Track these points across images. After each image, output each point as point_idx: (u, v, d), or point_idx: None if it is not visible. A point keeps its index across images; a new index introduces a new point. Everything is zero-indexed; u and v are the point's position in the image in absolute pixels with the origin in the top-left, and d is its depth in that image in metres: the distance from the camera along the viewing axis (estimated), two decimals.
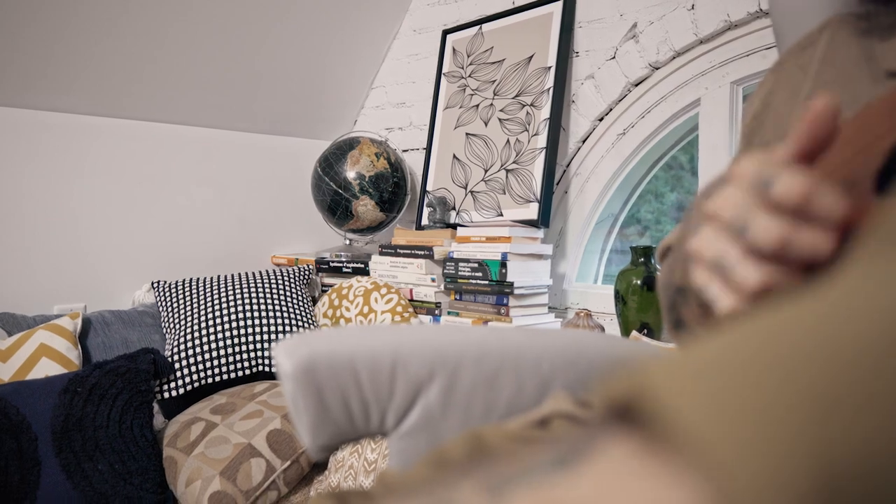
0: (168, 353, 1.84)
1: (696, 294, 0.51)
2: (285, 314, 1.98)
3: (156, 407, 1.81)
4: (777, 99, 0.69)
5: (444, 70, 2.23)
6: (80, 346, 1.74)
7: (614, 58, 1.88)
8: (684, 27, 1.74)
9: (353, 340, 0.62)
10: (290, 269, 2.16)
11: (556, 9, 1.96)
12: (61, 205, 2.02)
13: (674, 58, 1.78)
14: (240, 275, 2.06)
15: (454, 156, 2.13)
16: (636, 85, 1.86)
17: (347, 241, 2.40)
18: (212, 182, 2.32)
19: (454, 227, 2.04)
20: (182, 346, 1.85)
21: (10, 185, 1.93)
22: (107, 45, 1.95)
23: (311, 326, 2.01)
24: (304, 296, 2.10)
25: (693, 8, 1.73)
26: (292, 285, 2.09)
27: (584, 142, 1.97)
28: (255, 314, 1.94)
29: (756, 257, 0.37)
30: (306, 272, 2.18)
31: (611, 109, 1.91)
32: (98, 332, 1.87)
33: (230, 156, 2.36)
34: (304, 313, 2.03)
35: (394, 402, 0.62)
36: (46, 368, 1.61)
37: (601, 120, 1.93)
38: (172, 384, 1.80)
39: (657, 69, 1.82)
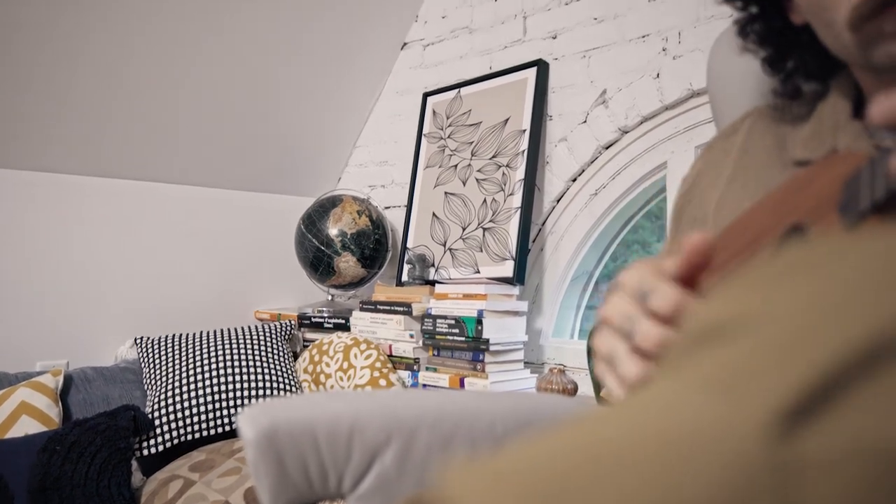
0: (149, 409, 1.87)
1: None
2: (266, 371, 2.01)
3: (135, 464, 1.82)
4: (704, 181, 0.76)
5: (425, 131, 2.32)
6: (60, 404, 1.76)
7: (586, 122, 1.97)
8: (650, 94, 1.84)
9: (313, 408, 0.67)
10: (272, 324, 2.20)
11: (530, 75, 2.05)
12: (45, 261, 2.06)
13: (641, 122, 1.87)
14: (222, 331, 2.10)
15: (433, 214, 2.20)
16: (607, 148, 1.94)
17: (329, 297, 2.44)
18: (196, 238, 2.37)
19: (433, 283, 2.10)
20: (163, 403, 1.87)
21: None
22: (92, 104, 2.02)
23: (292, 383, 2.04)
24: (286, 352, 2.13)
25: (658, 76, 1.82)
26: (274, 341, 2.13)
27: (558, 201, 2.04)
28: (237, 370, 1.97)
29: (640, 355, 0.44)
30: (288, 328, 2.22)
31: (583, 171, 1.99)
32: (79, 388, 1.89)
33: (214, 213, 2.42)
34: (285, 370, 2.06)
35: (351, 466, 0.67)
36: (26, 426, 1.63)
37: (574, 180, 2.01)
38: (152, 441, 1.82)
39: (626, 133, 1.90)
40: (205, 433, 1.89)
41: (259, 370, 2.00)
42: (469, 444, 0.75)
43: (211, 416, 1.90)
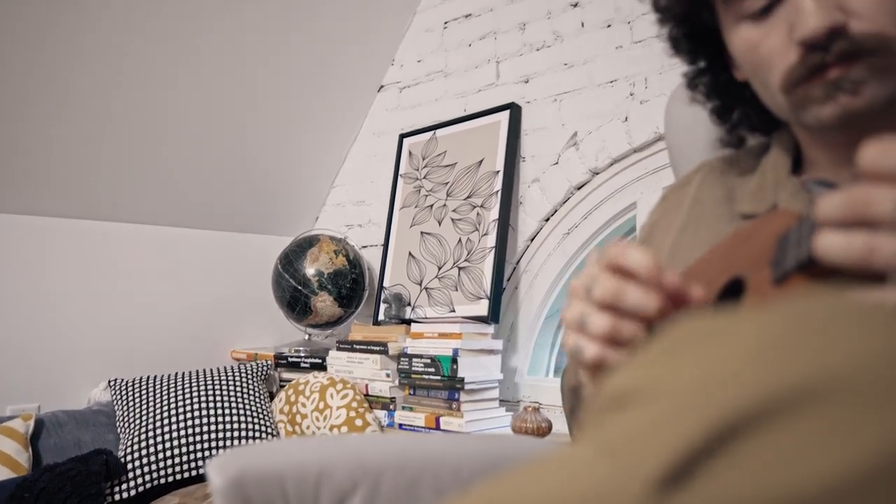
0: (122, 452, 1.85)
1: (587, 393, 0.61)
2: (242, 412, 2.00)
3: None
4: (659, 229, 0.79)
5: (401, 171, 2.36)
6: (30, 449, 1.74)
7: (558, 163, 2.02)
8: (620, 137, 1.89)
9: (281, 455, 0.68)
10: (248, 364, 2.20)
11: (503, 117, 2.10)
12: (16, 304, 2.05)
13: (611, 164, 1.91)
14: (198, 372, 2.09)
15: (410, 253, 2.23)
16: (578, 188, 1.98)
17: (307, 336, 2.45)
18: (172, 279, 2.37)
19: (409, 322, 2.11)
20: (136, 446, 1.86)
21: None
22: (65, 144, 2.04)
23: (268, 425, 2.03)
24: (262, 392, 2.13)
25: (627, 120, 1.88)
26: (250, 382, 2.12)
27: (532, 240, 2.08)
28: (212, 412, 1.96)
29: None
30: (265, 368, 2.22)
31: (556, 210, 2.03)
32: (51, 433, 1.87)
33: (190, 253, 2.43)
34: (260, 411, 2.05)
35: None
36: None
37: (547, 220, 2.04)
38: (125, 485, 1.81)
39: (597, 174, 1.95)
40: (178, 476, 1.87)
41: (234, 412, 1.99)
42: (435, 487, 0.77)
43: (185, 458, 1.88)
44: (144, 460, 1.84)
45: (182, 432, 1.90)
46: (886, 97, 0.57)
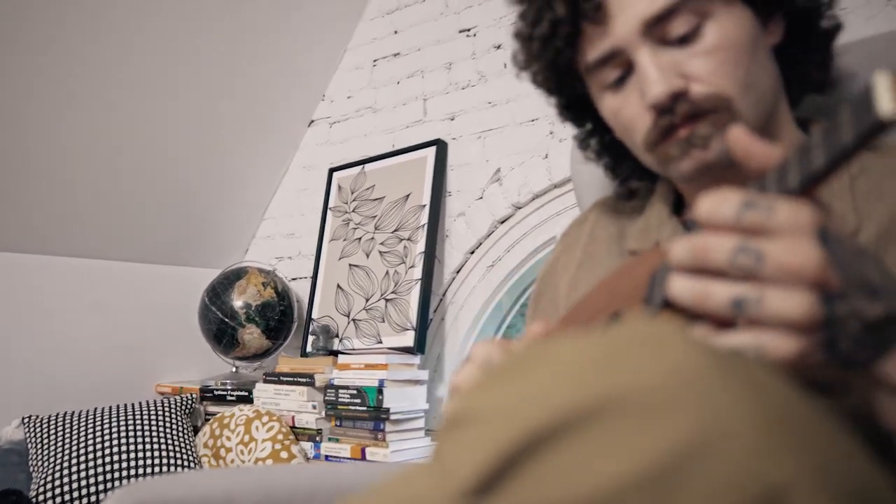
0: (33, 492, 1.77)
1: None
2: (163, 447, 1.95)
3: None
4: (560, 265, 0.83)
5: (330, 205, 2.36)
6: None
7: (482, 198, 2.06)
8: (540, 173, 1.95)
9: (185, 486, 0.68)
10: (173, 398, 2.14)
11: (429, 153, 2.14)
12: None
13: (533, 199, 1.97)
14: (119, 407, 2.03)
15: (338, 285, 2.23)
16: (502, 222, 2.03)
17: (234, 369, 2.40)
18: (94, 312, 2.30)
19: (336, 354, 2.10)
20: (49, 485, 1.78)
21: None
22: None
23: (190, 459, 1.98)
24: (186, 426, 2.07)
25: (547, 157, 1.94)
26: (173, 416, 2.07)
27: (457, 273, 2.11)
28: (132, 447, 1.90)
29: None
30: (189, 401, 2.17)
31: (480, 244, 2.07)
32: None
33: (114, 286, 2.36)
34: (183, 445, 2.00)
35: None
36: None
37: (472, 253, 2.08)
38: None
39: (519, 209, 2.00)
40: None
41: (156, 447, 1.93)
42: None
43: (102, 496, 1.81)
44: (58, 499, 1.76)
45: (100, 469, 1.83)
46: None
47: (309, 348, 2.21)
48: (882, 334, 0.40)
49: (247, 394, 2.18)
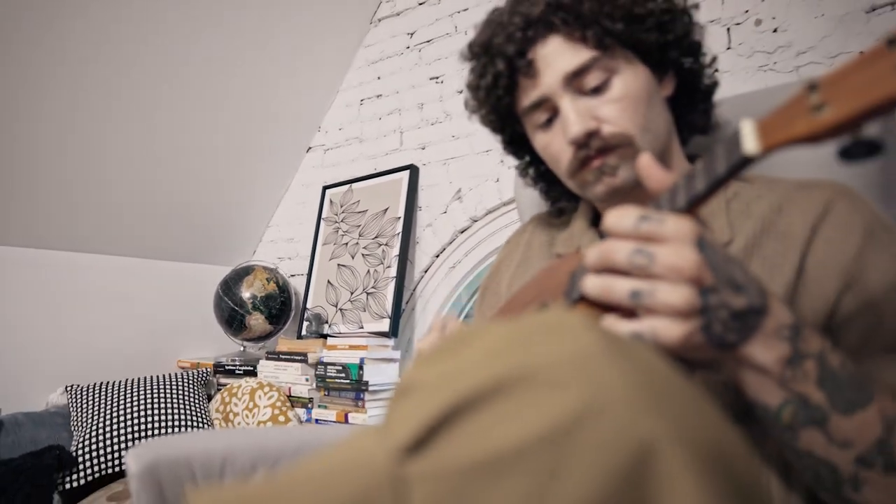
0: (74, 447, 1.72)
1: None
2: (183, 411, 1.91)
3: (57, 498, 1.66)
4: (503, 265, 0.83)
5: (323, 216, 2.34)
6: None
7: (446, 212, 2.06)
8: (493, 193, 1.96)
9: (191, 443, 0.66)
10: (191, 371, 2.10)
11: (405, 176, 2.13)
12: None
13: (486, 214, 1.98)
14: (146, 378, 1.98)
15: (328, 281, 2.21)
16: (461, 232, 2.03)
17: (242, 348, 2.36)
18: (127, 302, 2.25)
19: (326, 336, 2.08)
20: (87, 441, 1.73)
21: None
22: (28, 180, 1.92)
23: (204, 421, 1.94)
24: (201, 395, 2.04)
25: (498, 181, 1.95)
26: (191, 386, 2.03)
27: (425, 272, 2.10)
28: (156, 411, 1.86)
29: None
30: (205, 374, 2.13)
31: (444, 249, 2.07)
32: (9, 432, 1.72)
33: (144, 280, 2.31)
34: (199, 410, 1.96)
35: None
36: None
37: (437, 256, 2.08)
38: (75, 476, 1.67)
39: (475, 221, 2.00)
40: (124, 467, 1.75)
41: (175, 411, 1.89)
42: None
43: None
44: (95, 453, 1.72)
45: (129, 428, 1.79)
46: (635, 176, 0.64)
47: (304, 332, 2.19)
48: (746, 322, 0.42)
49: (252, 368, 2.15)
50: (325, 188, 2.38)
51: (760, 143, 0.40)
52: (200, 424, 1.92)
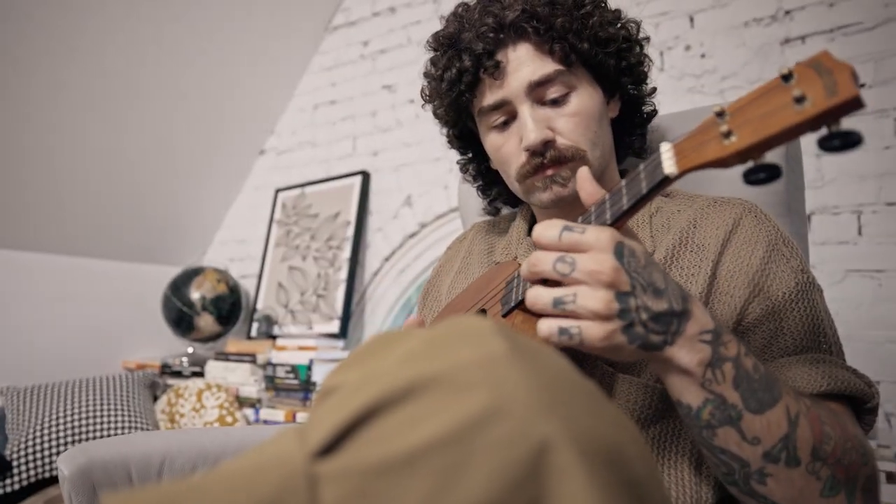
0: (9, 452, 1.62)
1: None
2: (126, 413, 1.83)
3: None
4: (443, 271, 0.84)
5: (276, 218, 2.30)
6: None
7: (396, 217, 2.06)
8: (442, 200, 1.97)
9: (128, 445, 0.64)
10: (136, 373, 2.02)
11: (357, 181, 2.12)
12: None
13: (435, 220, 1.98)
14: (89, 379, 1.89)
15: (279, 283, 2.17)
16: (411, 237, 2.03)
17: (190, 349, 2.29)
18: (70, 301, 2.14)
19: (275, 338, 2.04)
20: (23, 445, 1.64)
21: None
22: None
23: (148, 423, 1.87)
24: (146, 396, 1.96)
25: (447, 188, 1.96)
26: (136, 387, 1.95)
27: (375, 275, 2.10)
28: (98, 413, 1.78)
29: None
30: (151, 375, 2.05)
31: (394, 253, 2.06)
32: None
33: (88, 279, 2.21)
34: (143, 411, 1.89)
35: None
36: None
37: (387, 260, 2.07)
38: (8, 480, 1.58)
39: (425, 226, 2.01)
40: (58, 471, 1.67)
41: (119, 412, 1.82)
42: None
43: None
44: (31, 457, 1.63)
45: (70, 430, 1.71)
46: None
47: (253, 333, 2.14)
48: (667, 325, 0.43)
49: (200, 369, 2.09)
50: (278, 191, 2.34)
51: (677, 166, 0.43)
52: (144, 426, 1.85)
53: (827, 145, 0.37)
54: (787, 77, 0.38)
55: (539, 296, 0.43)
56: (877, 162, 1.37)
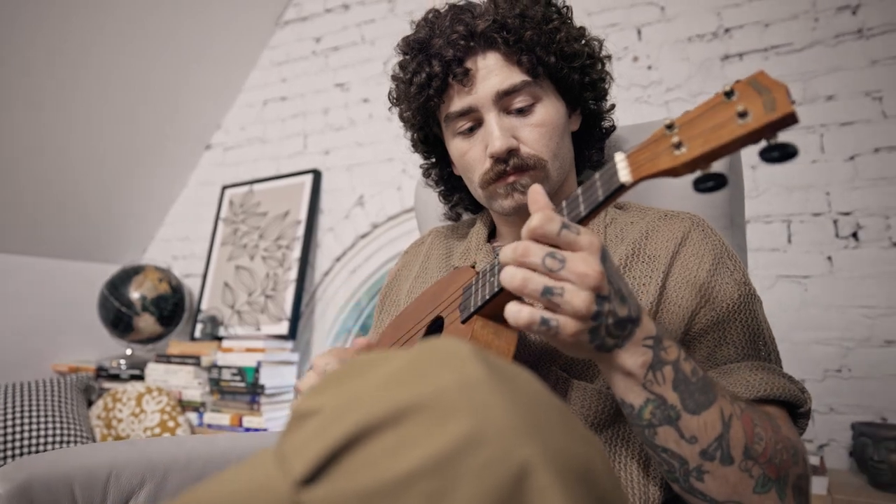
0: None
1: None
2: (56, 420, 1.73)
3: None
4: (401, 275, 0.83)
5: (222, 216, 2.23)
6: None
7: (348, 217, 2.04)
8: (394, 201, 1.96)
9: (71, 460, 0.61)
10: (69, 377, 1.91)
11: (307, 179, 2.08)
12: None
13: (387, 220, 1.97)
14: (14, 384, 1.77)
15: (225, 282, 2.10)
16: (363, 237, 2.01)
17: (129, 351, 2.19)
18: None
19: (221, 339, 1.98)
20: None
21: None
22: None
23: (82, 430, 1.77)
24: (79, 401, 1.85)
25: (400, 189, 1.95)
26: (67, 392, 1.84)
27: (326, 275, 2.06)
28: (26, 421, 1.67)
29: None
30: (85, 379, 1.94)
31: (345, 253, 2.04)
32: None
33: (14, 277, 2.07)
34: (75, 418, 1.79)
35: None
36: None
37: (339, 260, 2.05)
38: None
39: (377, 227, 1.99)
40: None
41: (49, 419, 1.71)
42: None
43: None
44: None
45: None
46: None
47: (197, 334, 2.07)
48: (623, 329, 0.45)
49: (139, 372, 1.99)
50: (225, 188, 2.26)
51: (632, 175, 0.44)
52: (78, 433, 1.75)
53: (767, 156, 0.39)
54: (729, 94, 0.41)
55: (531, 279, 0.44)
56: (804, 175, 1.45)
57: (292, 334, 1.88)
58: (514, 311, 0.45)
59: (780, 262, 1.46)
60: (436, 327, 0.61)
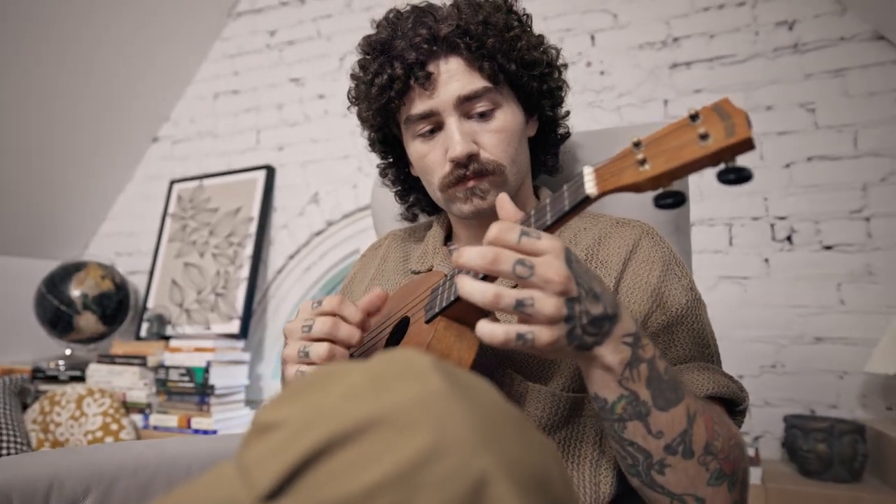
0: None
1: None
2: None
3: None
4: (357, 278, 0.83)
5: (170, 211, 2.15)
6: None
7: (302, 214, 2.00)
8: (350, 198, 1.94)
9: (9, 471, 0.58)
10: (3, 378, 1.80)
11: (260, 175, 2.03)
12: None
13: (343, 218, 1.95)
14: None
15: (173, 280, 2.03)
16: (317, 234, 1.99)
17: (68, 351, 2.09)
18: None
19: (168, 338, 1.92)
20: None
21: None
22: None
23: (16, 434, 1.68)
24: (12, 404, 1.76)
25: (356, 187, 1.93)
26: (1, 394, 1.74)
27: (279, 273, 2.02)
28: None
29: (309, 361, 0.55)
30: (19, 381, 1.84)
31: (299, 250, 2.00)
32: None
33: None
34: (10, 423, 1.69)
35: None
36: None
37: (292, 258, 2.01)
38: None
39: (332, 225, 1.97)
40: None
41: None
42: (169, 485, 0.71)
43: None
44: None
45: None
46: None
47: (143, 333, 1.99)
48: (601, 326, 0.46)
49: (80, 373, 1.91)
50: (173, 182, 2.19)
51: (598, 187, 0.46)
52: (12, 440, 1.66)
53: (724, 178, 0.41)
54: (694, 117, 0.42)
55: (502, 295, 0.44)
56: None
57: (244, 333, 1.84)
58: (489, 332, 0.45)
59: (722, 263, 1.52)
60: (403, 326, 0.61)
